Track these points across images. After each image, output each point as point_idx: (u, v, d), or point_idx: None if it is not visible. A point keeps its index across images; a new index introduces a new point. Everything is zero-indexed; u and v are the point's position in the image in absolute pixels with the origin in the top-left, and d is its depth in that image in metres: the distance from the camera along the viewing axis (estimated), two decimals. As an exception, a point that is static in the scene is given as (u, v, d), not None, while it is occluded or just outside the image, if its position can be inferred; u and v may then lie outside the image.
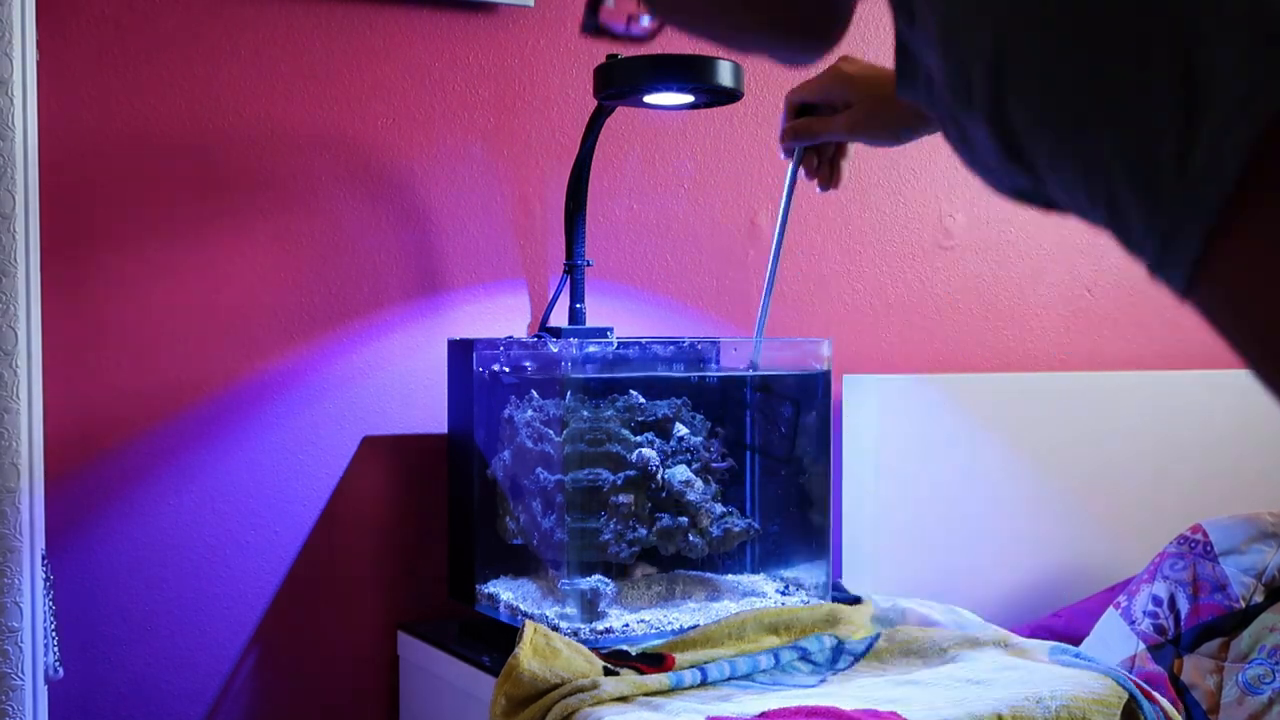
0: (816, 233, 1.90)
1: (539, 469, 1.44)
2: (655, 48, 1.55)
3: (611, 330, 1.53)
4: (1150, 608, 1.62)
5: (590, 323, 1.60)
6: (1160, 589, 1.63)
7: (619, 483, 1.42)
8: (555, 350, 1.45)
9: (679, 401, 1.51)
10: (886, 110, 1.20)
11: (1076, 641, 1.66)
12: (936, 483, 1.83)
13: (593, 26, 0.82)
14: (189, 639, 1.55)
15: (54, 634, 1.37)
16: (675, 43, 1.77)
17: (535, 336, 1.54)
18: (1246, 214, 0.38)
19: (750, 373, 1.53)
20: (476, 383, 1.52)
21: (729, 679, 1.33)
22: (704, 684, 1.31)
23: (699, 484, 1.47)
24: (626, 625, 1.39)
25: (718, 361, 1.58)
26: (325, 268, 1.61)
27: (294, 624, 1.60)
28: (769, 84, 1.85)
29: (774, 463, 1.56)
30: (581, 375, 1.44)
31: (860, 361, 1.92)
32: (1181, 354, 2.17)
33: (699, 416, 1.53)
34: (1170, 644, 1.58)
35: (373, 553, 1.64)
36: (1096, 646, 1.61)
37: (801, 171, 1.30)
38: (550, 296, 1.65)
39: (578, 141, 1.60)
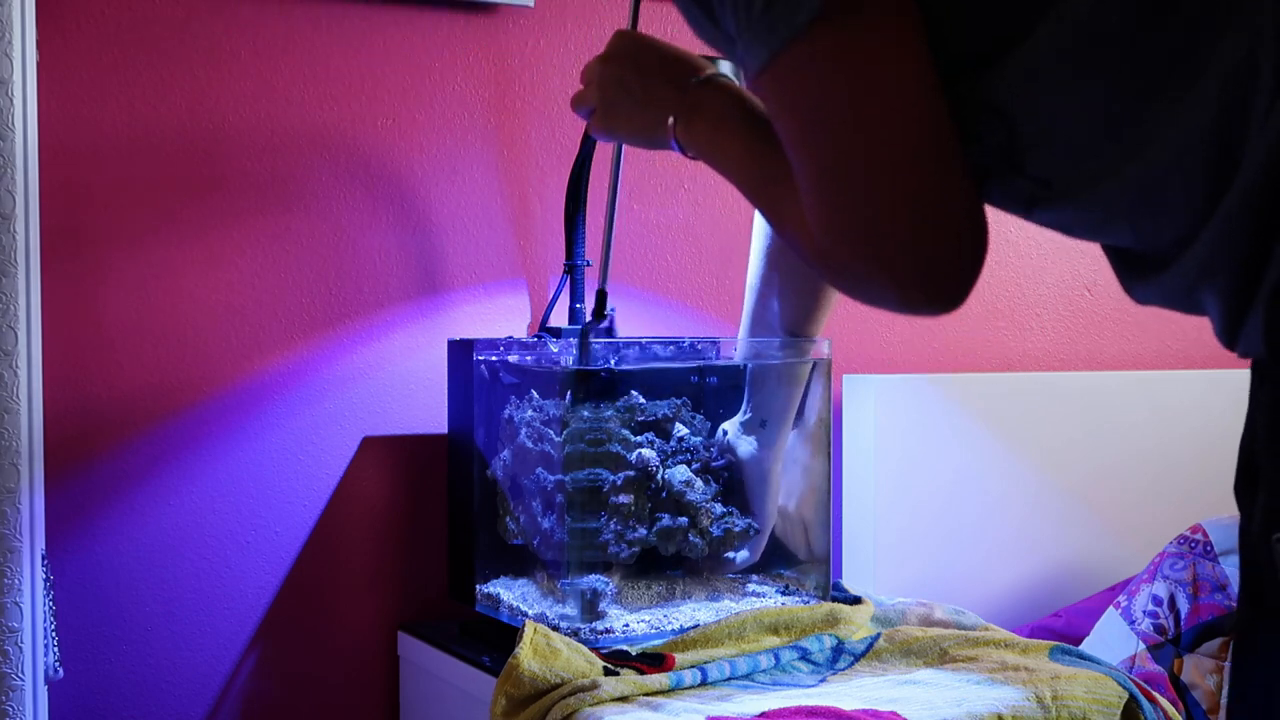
0: (816, 233, 1.89)
1: (539, 469, 1.44)
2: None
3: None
4: (1150, 608, 1.62)
5: (590, 323, 1.60)
6: (1160, 589, 1.63)
7: (619, 483, 1.42)
8: (555, 350, 1.45)
9: (679, 401, 1.51)
10: None
11: (1076, 641, 1.66)
12: (936, 483, 1.83)
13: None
14: (189, 639, 1.55)
15: (54, 634, 1.37)
16: (675, 43, 1.77)
17: (535, 336, 1.54)
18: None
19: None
20: (476, 383, 1.52)
21: (729, 679, 1.33)
22: (704, 684, 1.31)
23: (699, 484, 1.47)
24: (626, 625, 1.39)
25: (718, 359, 1.58)
26: (325, 268, 1.61)
27: (294, 624, 1.60)
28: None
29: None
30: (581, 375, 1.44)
31: (860, 361, 1.92)
32: (1181, 354, 2.17)
33: (699, 416, 1.53)
34: (1170, 644, 1.58)
35: (373, 553, 1.64)
36: (1096, 646, 1.61)
37: None
38: (550, 296, 1.65)
39: (578, 141, 1.60)
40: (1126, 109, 0.72)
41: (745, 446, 1.49)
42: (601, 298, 1.45)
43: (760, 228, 1.46)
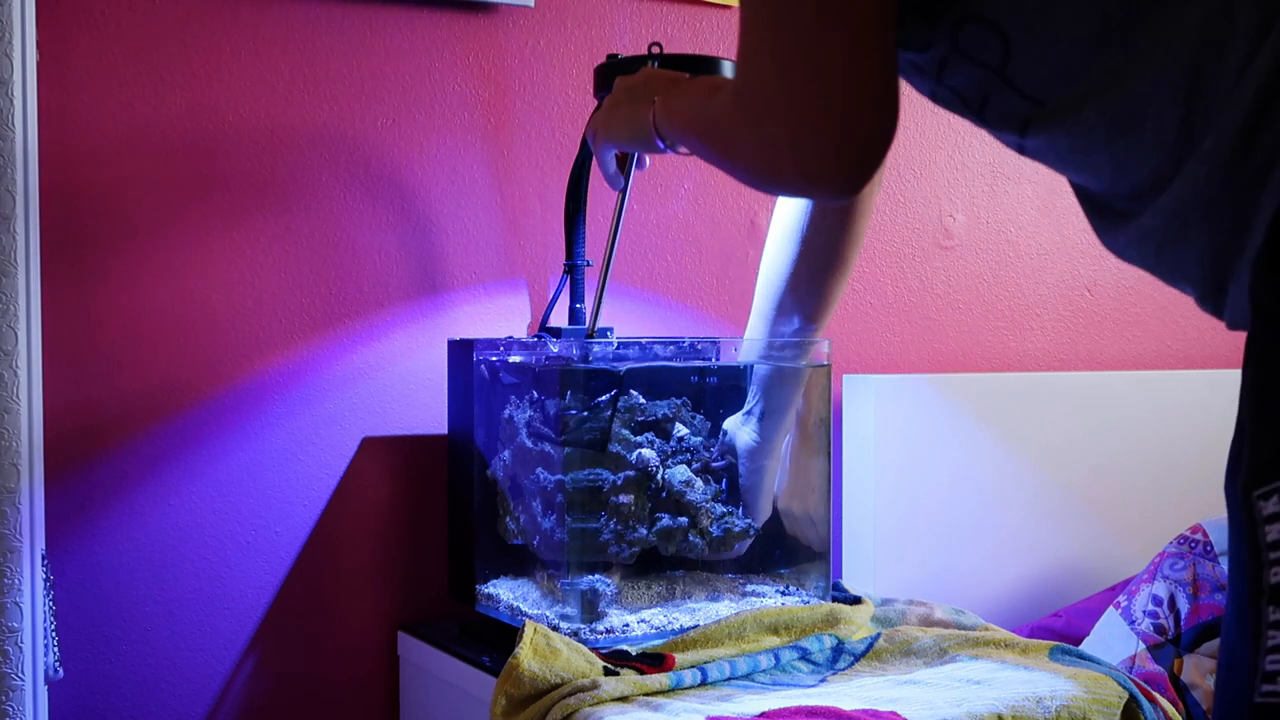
0: (816, 233, 1.89)
1: (539, 469, 1.44)
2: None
3: (611, 330, 1.53)
4: (1150, 608, 1.62)
5: (590, 323, 1.60)
6: (1160, 589, 1.63)
7: (619, 483, 1.42)
8: (555, 350, 1.45)
9: (679, 401, 1.52)
10: None
11: (1076, 641, 1.66)
12: (936, 483, 1.83)
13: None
14: (189, 639, 1.55)
15: (54, 634, 1.37)
16: (675, 43, 1.77)
17: (535, 336, 1.54)
18: None
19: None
20: (476, 383, 1.52)
21: (729, 679, 1.33)
22: (704, 684, 1.31)
23: (699, 484, 1.47)
24: (626, 625, 1.39)
25: (718, 361, 1.58)
26: (325, 268, 1.61)
27: (294, 624, 1.60)
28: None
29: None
30: (581, 375, 1.44)
31: (860, 361, 1.92)
32: (1181, 354, 2.17)
33: (699, 417, 1.53)
34: (1170, 644, 1.58)
35: (373, 553, 1.64)
36: (1096, 646, 1.61)
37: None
38: (550, 296, 1.65)
39: (578, 142, 1.60)
40: (1116, 25, 0.74)
41: (743, 440, 1.50)
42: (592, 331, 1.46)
43: (779, 226, 1.45)
